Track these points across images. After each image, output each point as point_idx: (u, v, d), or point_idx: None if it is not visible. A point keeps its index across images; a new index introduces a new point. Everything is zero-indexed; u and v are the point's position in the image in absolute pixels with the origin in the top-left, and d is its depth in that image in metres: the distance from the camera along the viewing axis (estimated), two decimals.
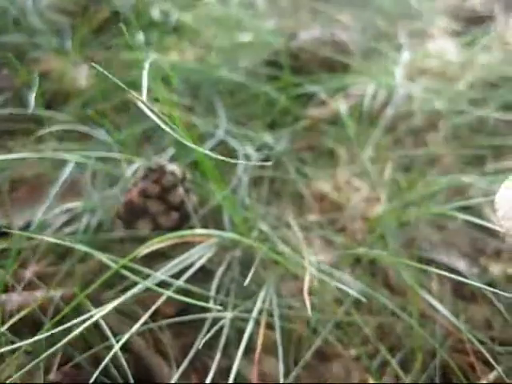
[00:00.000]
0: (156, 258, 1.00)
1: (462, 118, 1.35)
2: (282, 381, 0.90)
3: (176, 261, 0.95)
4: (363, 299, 0.97)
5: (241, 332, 0.95)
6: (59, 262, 1.08)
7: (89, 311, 0.90)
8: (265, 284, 0.97)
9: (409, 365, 0.99)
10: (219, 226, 1.07)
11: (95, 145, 1.21)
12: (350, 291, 0.96)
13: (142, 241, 0.98)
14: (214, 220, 1.08)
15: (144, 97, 0.93)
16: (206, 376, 0.90)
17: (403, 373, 0.97)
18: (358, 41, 1.56)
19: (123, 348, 0.99)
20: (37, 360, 0.86)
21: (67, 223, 1.11)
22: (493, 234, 1.18)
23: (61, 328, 0.84)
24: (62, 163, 1.14)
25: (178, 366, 0.93)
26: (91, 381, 0.86)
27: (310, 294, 0.97)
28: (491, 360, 0.92)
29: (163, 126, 0.95)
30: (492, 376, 0.97)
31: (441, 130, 1.35)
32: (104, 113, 1.27)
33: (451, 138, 1.34)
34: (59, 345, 0.85)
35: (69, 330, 0.87)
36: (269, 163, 1.05)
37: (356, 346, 1.00)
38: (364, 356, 0.98)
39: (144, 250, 0.90)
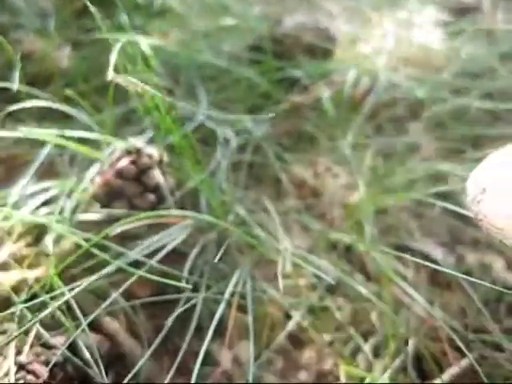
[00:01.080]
0: (131, 239, 1.00)
1: (444, 107, 1.34)
2: (252, 364, 0.89)
3: (150, 241, 0.94)
4: (337, 284, 0.96)
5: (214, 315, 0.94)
6: (35, 244, 1.06)
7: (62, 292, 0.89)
8: (239, 267, 0.96)
9: (382, 351, 0.99)
10: (196, 209, 1.06)
11: (75, 126, 1.20)
12: (325, 276, 0.95)
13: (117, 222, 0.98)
14: (190, 203, 1.07)
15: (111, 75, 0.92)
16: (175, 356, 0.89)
17: (376, 359, 0.97)
18: (343, 28, 1.55)
19: (97, 329, 0.99)
20: (8, 340, 0.85)
21: (44, 204, 1.10)
22: (470, 222, 1.18)
23: (30, 304, 0.83)
24: (41, 144, 1.13)
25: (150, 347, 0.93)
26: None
27: (285, 278, 0.97)
28: (463, 347, 0.92)
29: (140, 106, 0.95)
30: (464, 363, 0.97)
31: (422, 119, 1.34)
32: (84, 94, 1.26)
33: (432, 127, 1.33)
34: (29, 324, 0.84)
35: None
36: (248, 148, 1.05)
37: (329, 332, 0.99)
38: (337, 341, 0.98)
39: (116, 228, 0.89)
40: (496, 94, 1.37)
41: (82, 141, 1.14)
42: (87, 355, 0.89)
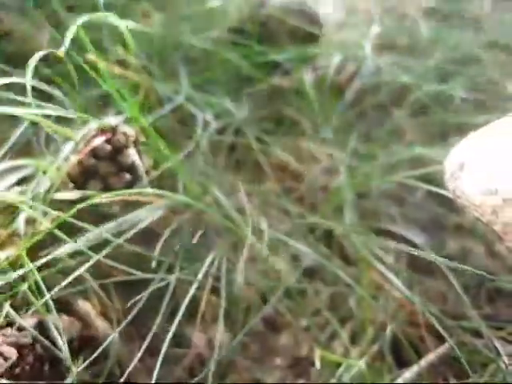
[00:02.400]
0: (105, 220, 0.97)
1: (429, 95, 1.32)
2: (226, 348, 0.87)
3: (121, 220, 0.91)
4: (315, 269, 0.95)
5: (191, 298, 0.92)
6: (6, 224, 1.04)
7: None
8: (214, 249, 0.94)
9: (360, 336, 0.97)
10: (173, 190, 1.04)
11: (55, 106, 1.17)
12: (302, 260, 0.93)
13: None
14: (167, 184, 1.05)
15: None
16: (152, 341, 0.87)
17: (354, 344, 0.95)
18: (329, 13, 1.53)
19: (69, 311, 0.97)
20: None
21: (17, 183, 1.07)
22: (453, 208, 1.16)
23: None
24: (17, 123, 1.10)
25: (122, 330, 0.91)
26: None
27: (262, 261, 0.95)
28: (443, 333, 0.90)
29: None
30: (442, 349, 0.95)
31: (407, 105, 1.32)
32: (66, 74, 1.23)
33: (417, 113, 1.31)
34: None
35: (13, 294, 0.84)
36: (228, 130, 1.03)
37: (306, 316, 0.97)
38: (314, 326, 0.96)
39: (84, 205, 0.86)
40: (481, 81, 1.35)
41: (59, 120, 1.12)
42: (57, 337, 0.86)
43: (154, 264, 0.86)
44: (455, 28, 1.55)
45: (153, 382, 0.81)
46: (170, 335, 0.82)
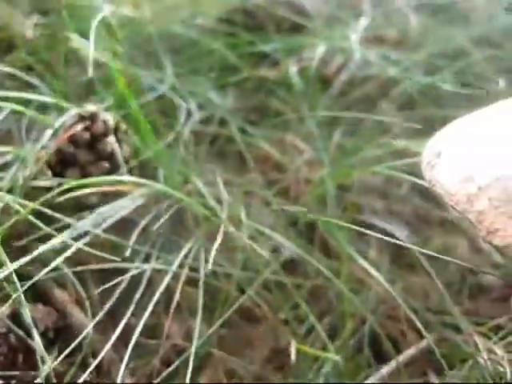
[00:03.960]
0: (83, 209, 0.96)
1: (416, 88, 1.31)
2: (202, 340, 0.86)
3: (101, 209, 0.90)
4: (296, 262, 0.93)
5: (168, 288, 0.91)
6: None
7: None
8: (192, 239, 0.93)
9: (339, 330, 0.96)
10: (154, 180, 1.02)
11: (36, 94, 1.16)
12: (283, 252, 0.92)
13: (69, 190, 0.94)
14: (148, 174, 1.03)
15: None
16: (129, 332, 0.86)
17: (332, 338, 0.94)
18: (318, 5, 1.51)
19: (46, 301, 0.95)
20: None
21: None
22: (438, 203, 1.15)
23: None
24: None
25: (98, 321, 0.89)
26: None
27: (241, 253, 0.93)
28: (422, 329, 0.89)
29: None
30: (422, 344, 0.94)
31: (394, 99, 1.31)
32: (48, 63, 1.22)
33: (403, 107, 1.30)
34: None
35: None
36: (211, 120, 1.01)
37: (285, 310, 0.96)
38: (292, 320, 0.95)
39: (58, 192, 0.85)
40: (469, 76, 1.34)
41: (40, 108, 1.10)
42: (31, 327, 0.85)
43: (127, 253, 0.84)
44: (445, 22, 1.53)
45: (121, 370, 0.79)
46: (141, 324, 0.80)
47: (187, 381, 0.80)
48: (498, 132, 0.67)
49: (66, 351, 0.81)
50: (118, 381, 0.81)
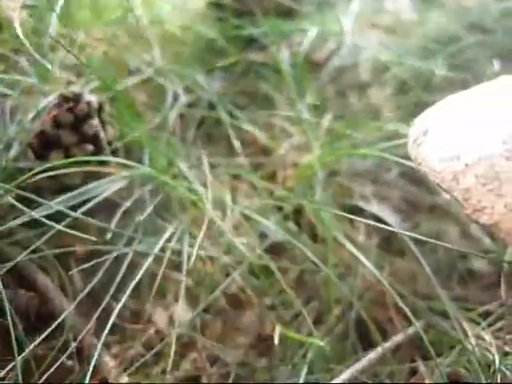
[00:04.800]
0: (67, 191, 0.94)
1: (408, 74, 1.29)
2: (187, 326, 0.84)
3: (82, 189, 0.88)
4: (283, 246, 0.92)
5: (152, 273, 0.89)
6: None
7: None
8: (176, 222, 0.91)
9: (326, 316, 0.94)
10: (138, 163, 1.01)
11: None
12: (269, 236, 0.90)
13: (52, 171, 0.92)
14: (133, 157, 1.01)
15: None
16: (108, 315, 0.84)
17: (318, 324, 0.92)
18: None
19: (28, 286, 0.94)
20: None
21: None
22: (428, 189, 1.14)
23: None
24: None
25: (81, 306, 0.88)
26: None
27: (227, 237, 0.92)
28: (410, 314, 0.87)
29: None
30: (410, 331, 0.92)
31: (385, 84, 1.29)
32: (36, 45, 1.20)
33: (395, 93, 1.28)
34: None
35: None
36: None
37: (271, 295, 0.94)
38: (279, 305, 0.93)
39: (37, 174, 0.83)
40: (462, 61, 1.32)
41: (25, 91, 1.08)
42: (12, 312, 0.83)
43: (109, 235, 0.82)
44: (438, 8, 1.51)
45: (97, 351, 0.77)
46: (119, 306, 0.78)
47: (169, 366, 0.78)
48: (484, 112, 0.66)
49: (45, 333, 0.78)
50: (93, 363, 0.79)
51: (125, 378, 0.83)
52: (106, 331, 0.78)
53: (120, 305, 0.79)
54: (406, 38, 1.43)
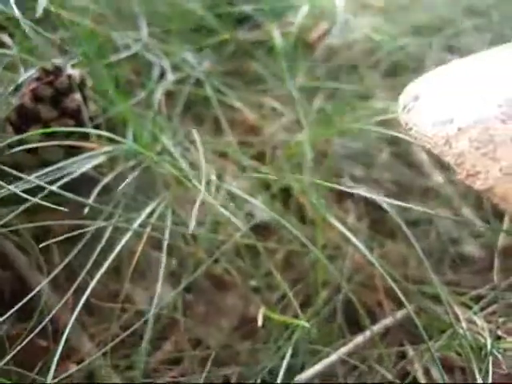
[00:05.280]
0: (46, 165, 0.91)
1: (400, 56, 1.26)
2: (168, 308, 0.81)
3: (62, 164, 0.84)
4: (270, 227, 0.88)
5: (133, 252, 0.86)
6: None
7: None
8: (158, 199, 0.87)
9: (313, 299, 0.91)
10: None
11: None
12: (256, 216, 0.87)
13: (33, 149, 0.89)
14: (116, 133, 0.98)
15: None
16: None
17: (305, 307, 0.89)
18: None
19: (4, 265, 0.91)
20: None
21: None
22: (420, 172, 1.11)
23: None
24: None
25: (56, 283, 0.84)
26: None
27: (212, 217, 0.89)
28: (402, 297, 0.84)
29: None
30: (400, 314, 0.89)
31: (377, 66, 1.26)
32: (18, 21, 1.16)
33: (387, 75, 1.25)
34: None
35: None
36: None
37: (257, 277, 0.91)
38: (265, 287, 0.90)
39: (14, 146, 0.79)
40: (456, 44, 1.29)
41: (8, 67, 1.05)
42: None
43: (86, 210, 0.79)
44: None
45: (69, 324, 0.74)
46: (93, 283, 0.75)
47: (144, 344, 0.75)
48: (478, 76, 0.63)
49: (15, 308, 0.74)
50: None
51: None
52: (80, 306, 0.74)
53: (94, 280, 0.75)
54: (399, 19, 1.40)
